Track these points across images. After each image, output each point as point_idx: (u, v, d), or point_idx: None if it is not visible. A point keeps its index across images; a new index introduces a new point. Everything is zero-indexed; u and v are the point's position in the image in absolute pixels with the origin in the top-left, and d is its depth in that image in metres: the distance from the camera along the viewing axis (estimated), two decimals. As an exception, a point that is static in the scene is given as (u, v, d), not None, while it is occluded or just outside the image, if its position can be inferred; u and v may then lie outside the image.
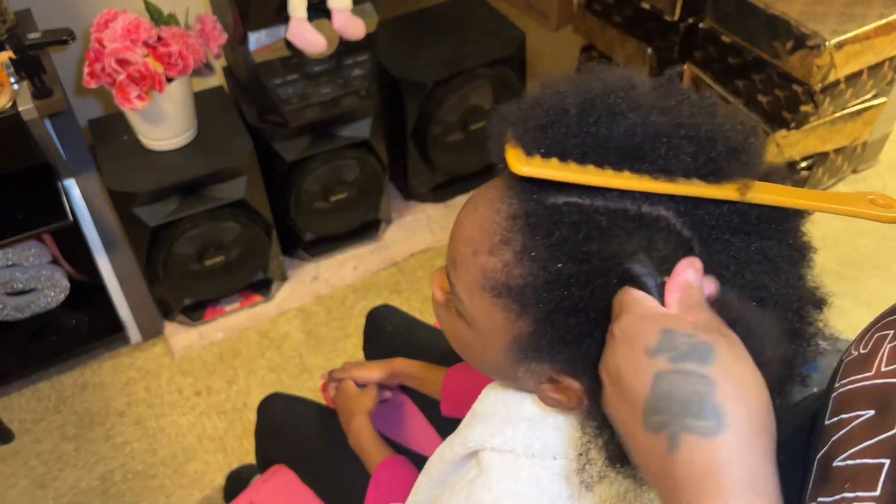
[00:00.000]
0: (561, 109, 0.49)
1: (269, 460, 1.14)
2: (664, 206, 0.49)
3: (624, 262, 0.47)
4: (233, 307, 1.84)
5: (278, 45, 1.51)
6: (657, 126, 0.48)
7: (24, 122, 1.30)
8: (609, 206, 0.49)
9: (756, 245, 0.48)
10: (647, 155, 0.48)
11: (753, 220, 0.49)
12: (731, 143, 0.48)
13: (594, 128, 0.48)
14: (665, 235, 0.48)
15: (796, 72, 1.80)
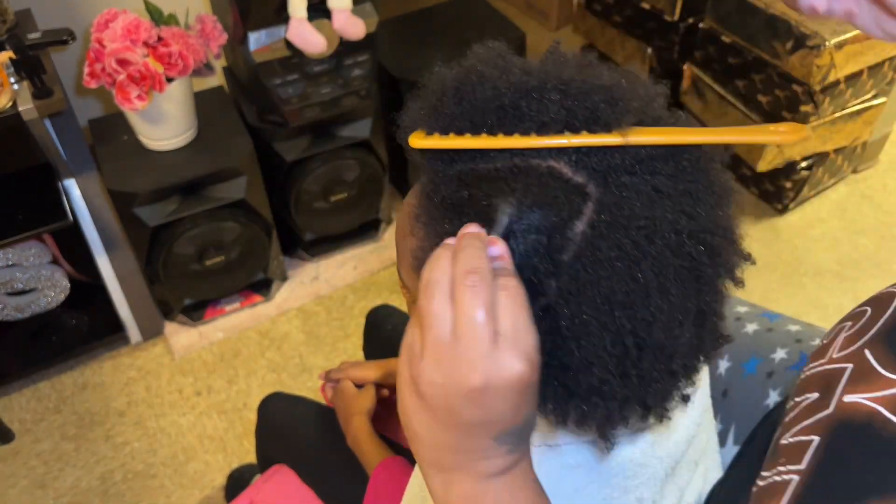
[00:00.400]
0: (442, 89, 0.54)
1: (270, 460, 1.14)
2: (553, 159, 0.51)
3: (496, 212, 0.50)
4: (233, 307, 1.84)
5: (278, 45, 1.51)
6: (525, 84, 0.52)
7: (24, 122, 1.30)
8: (497, 166, 0.51)
9: (650, 183, 0.50)
10: (524, 113, 0.51)
11: (644, 158, 0.50)
12: (612, 93, 0.51)
13: (470, 97, 0.53)
14: (556, 183, 0.50)
15: (796, 72, 1.80)
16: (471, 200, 0.51)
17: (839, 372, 0.46)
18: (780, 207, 2.09)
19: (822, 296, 1.88)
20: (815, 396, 0.47)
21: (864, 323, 0.48)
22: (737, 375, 0.79)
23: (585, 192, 0.50)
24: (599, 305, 0.47)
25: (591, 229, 0.48)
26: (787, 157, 1.97)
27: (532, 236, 0.49)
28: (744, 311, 0.85)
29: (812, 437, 0.44)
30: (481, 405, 0.43)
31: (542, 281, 0.49)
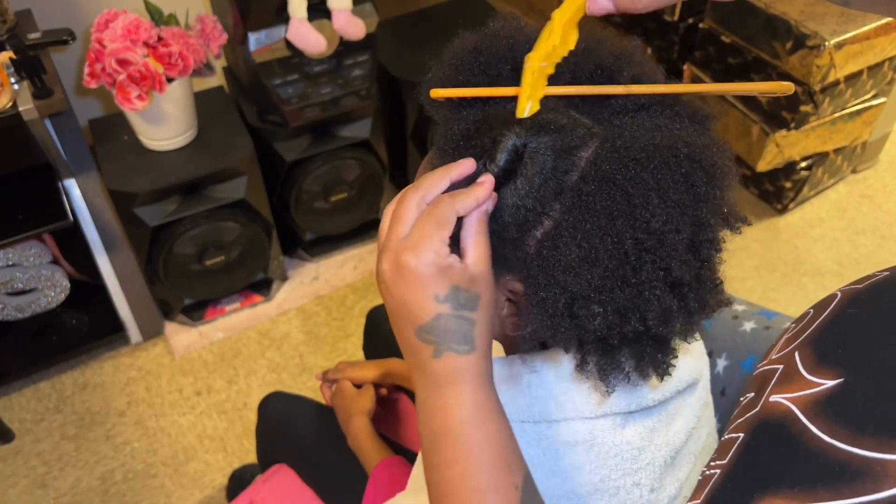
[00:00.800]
0: (462, 49, 0.60)
1: (270, 459, 1.14)
2: (564, 104, 0.57)
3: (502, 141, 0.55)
4: (233, 307, 1.84)
5: (278, 46, 1.51)
6: (536, 38, 0.57)
7: (24, 122, 1.30)
8: (507, 107, 0.56)
9: (650, 122, 0.56)
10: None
11: (644, 104, 0.57)
12: (616, 52, 0.58)
13: (486, 51, 0.58)
14: (565, 118, 0.55)
15: (796, 72, 1.80)
16: (478, 132, 0.56)
17: (772, 373, 0.48)
18: (780, 207, 2.09)
19: (822, 296, 1.88)
20: (752, 396, 0.49)
21: (803, 325, 0.49)
22: (735, 374, 0.79)
23: (592, 130, 0.55)
24: (601, 216, 0.51)
25: (595, 156, 0.53)
26: (787, 157, 1.97)
27: (539, 157, 0.54)
28: (741, 310, 0.85)
29: (739, 434, 0.46)
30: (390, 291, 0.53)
31: (547, 203, 0.54)
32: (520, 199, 0.54)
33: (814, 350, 0.45)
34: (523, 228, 0.55)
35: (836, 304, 0.47)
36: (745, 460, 0.43)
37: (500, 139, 0.54)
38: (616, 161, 0.52)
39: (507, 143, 0.54)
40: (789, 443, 0.41)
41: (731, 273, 1.93)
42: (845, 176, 2.21)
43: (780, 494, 0.39)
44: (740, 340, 0.81)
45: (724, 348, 0.82)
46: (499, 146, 0.54)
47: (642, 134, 0.54)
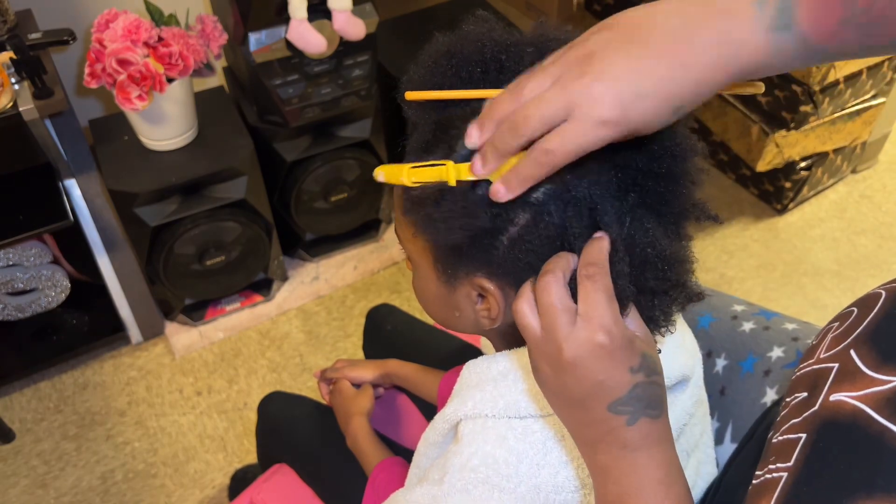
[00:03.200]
0: (436, 51, 0.61)
1: (270, 459, 1.14)
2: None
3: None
4: (233, 307, 1.84)
5: (279, 46, 1.52)
6: (505, 40, 0.58)
7: (24, 122, 1.30)
8: (473, 108, 0.56)
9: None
10: (503, 65, 0.57)
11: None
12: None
13: (458, 54, 0.59)
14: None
15: (795, 72, 1.81)
16: (442, 129, 0.57)
17: (826, 371, 0.47)
18: (780, 207, 2.09)
19: (822, 296, 1.88)
20: (804, 395, 0.48)
21: (850, 323, 0.48)
22: (734, 373, 0.79)
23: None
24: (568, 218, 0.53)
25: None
26: (787, 157, 1.97)
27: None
28: (740, 310, 0.85)
29: (800, 435, 0.45)
30: (579, 378, 0.49)
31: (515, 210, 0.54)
32: (490, 207, 0.54)
33: (873, 347, 0.44)
34: (494, 232, 0.55)
35: (884, 302, 0.46)
36: (817, 463, 0.42)
37: (459, 135, 0.54)
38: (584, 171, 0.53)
39: (462, 146, 0.54)
40: (869, 443, 0.40)
41: (731, 273, 1.93)
42: (845, 176, 2.21)
43: (876, 498, 0.38)
44: (739, 340, 0.81)
45: (724, 348, 0.82)
46: (458, 142, 0.55)
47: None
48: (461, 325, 0.65)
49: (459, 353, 1.09)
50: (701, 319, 0.85)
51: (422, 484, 0.63)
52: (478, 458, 0.59)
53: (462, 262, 0.59)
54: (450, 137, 0.57)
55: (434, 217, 0.56)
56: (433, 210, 0.56)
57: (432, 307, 0.66)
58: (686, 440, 0.67)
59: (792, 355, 0.76)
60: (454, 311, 0.64)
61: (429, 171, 0.55)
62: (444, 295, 0.63)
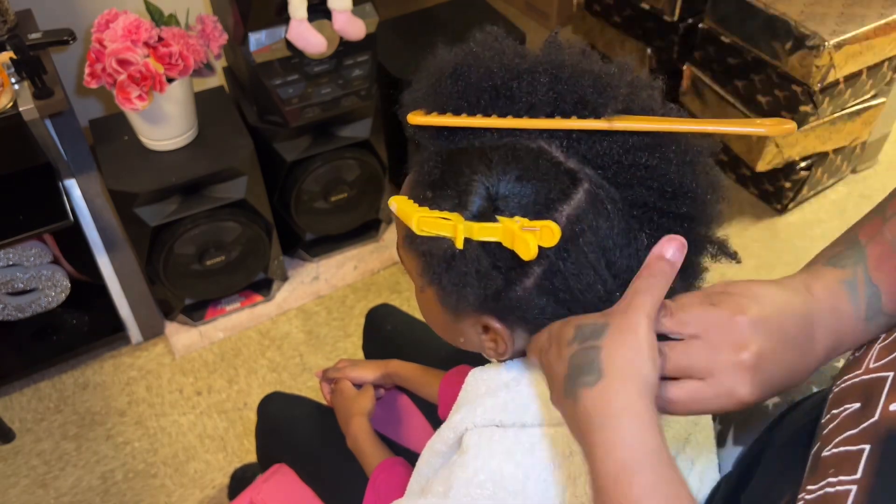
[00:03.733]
0: (441, 70, 0.57)
1: (270, 459, 1.14)
2: (544, 141, 0.54)
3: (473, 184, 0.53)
4: (233, 307, 1.84)
5: (278, 46, 1.52)
6: (517, 67, 0.54)
7: (24, 122, 1.30)
8: (485, 143, 0.55)
9: (641, 170, 0.53)
10: (514, 94, 0.54)
11: (632, 147, 0.53)
12: (601, 80, 0.54)
13: (465, 78, 0.55)
14: (546, 164, 0.53)
15: (795, 72, 1.81)
16: (451, 173, 0.55)
17: (880, 381, 0.45)
18: (780, 208, 2.09)
19: (822, 296, 1.88)
20: (857, 406, 0.46)
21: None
22: (736, 375, 0.79)
23: (577, 177, 0.53)
24: (581, 270, 0.52)
25: (577, 215, 0.52)
26: (787, 157, 1.97)
27: (518, 211, 0.52)
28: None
29: (862, 447, 0.43)
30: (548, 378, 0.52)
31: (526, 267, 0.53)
32: (504, 269, 0.53)
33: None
34: (507, 288, 0.54)
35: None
36: (890, 473, 0.41)
37: (471, 186, 0.53)
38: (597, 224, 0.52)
39: (480, 191, 0.53)
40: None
41: (731, 273, 1.93)
42: (845, 176, 2.21)
43: None
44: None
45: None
46: (469, 194, 0.53)
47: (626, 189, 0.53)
48: (465, 347, 0.64)
49: (459, 354, 1.08)
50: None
51: (425, 496, 0.62)
52: (484, 473, 0.58)
53: (472, 307, 0.57)
54: (459, 187, 0.54)
55: (444, 281, 0.55)
56: (443, 273, 0.54)
57: (436, 327, 0.65)
58: (692, 448, 0.67)
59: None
60: (459, 337, 0.63)
61: (439, 223, 0.53)
62: (450, 321, 0.61)
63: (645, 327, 0.47)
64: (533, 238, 0.49)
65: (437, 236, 0.54)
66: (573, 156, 0.53)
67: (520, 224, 0.50)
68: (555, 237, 0.50)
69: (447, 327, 0.63)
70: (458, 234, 0.52)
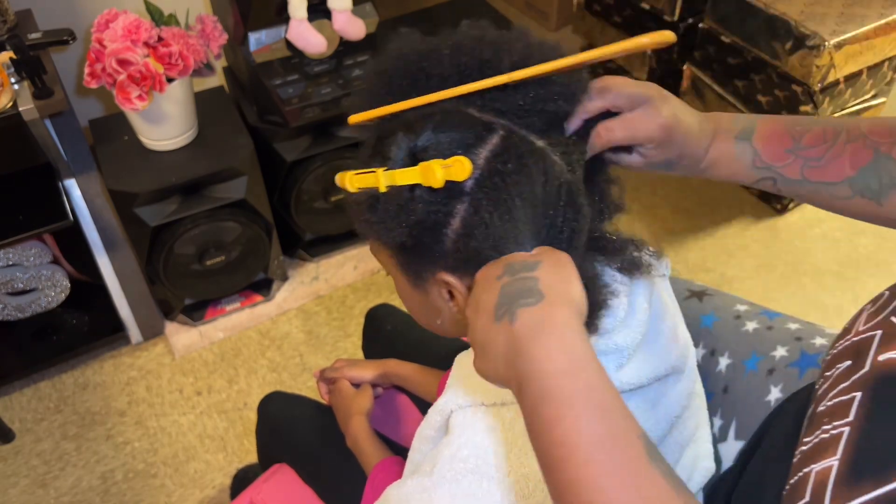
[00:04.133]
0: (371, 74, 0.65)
1: (270, 459, 1.14)
2: (462, 105, 0.60)
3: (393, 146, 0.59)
4: (233, 307, 1.84)
5: (278, 46, 1.52)
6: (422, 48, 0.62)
7: (24, 122, 1.30)
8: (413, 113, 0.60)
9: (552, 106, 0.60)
10: (426, 72, 0.61)
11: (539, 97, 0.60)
12: (496, 44, 0.61)
13: (386, 71, 0.63)
14: (462, 117, 0.59)
15: (796, 72, 1.81)
16: (378, 140, 0.60)
17: (869, 339, 0.48)
18: (780, 207, 2.09)
19: (822, 296, 1.88)
20: (848, 364, 0.49)
21: (884, 300, 0.50)
22: (738, 372, 0.80)
23: (492, 126, 0.58)
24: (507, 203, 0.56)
25: (493, 156, 0.56)
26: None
27: (437, 156, 0.56)
28: (743, 310, 0.85)
29: (853, 395, 0.46)
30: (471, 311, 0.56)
31: (452, 202, 0.56)
32: (425, 204, 0.57)
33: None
34: (436, 227, 0.57)
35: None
36: (881, 413, 0.44)
37: (393, 141, 0.58)
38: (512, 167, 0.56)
39: (400, 144, 0.58)
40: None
41: (731, 273, 1.93)
42: (845, 176, 2.21)
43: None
44: (743, 340, 0.81)
45: (727, 347, 0.82)
46: (391, 148, 0.58)
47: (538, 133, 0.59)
48: (445, 327, 0.66)
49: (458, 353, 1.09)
50: (704, 319, 0.85)
51: (413, 476, 0.64)
52: (467, 448, 0.60)
53: (421, 261, 0.61)
54: (384, 147, 0.59)
55: (372, 221, 0.59)
56: (370, 215, 0.59)
57: (417, 314, 0.68)
58: (679, 433, 0.68)
59: (795, 355, 0.76)
60: (435, 314, 0.65)
61: (365, 177, 0.59)
62: (421, 298, 0.64)
63: (572, 262, 0.54)
64: (440, 168, 0.54)
65: (365, 189, 0.59)
66: (487, 112, 0.59)
67: (432, 162, 0.55)
68: (465, 170, 0.54)
69: (424, 309, 0.66)
70: (379, 180, 0.57)
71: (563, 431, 0.45)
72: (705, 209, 2.10)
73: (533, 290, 0.51)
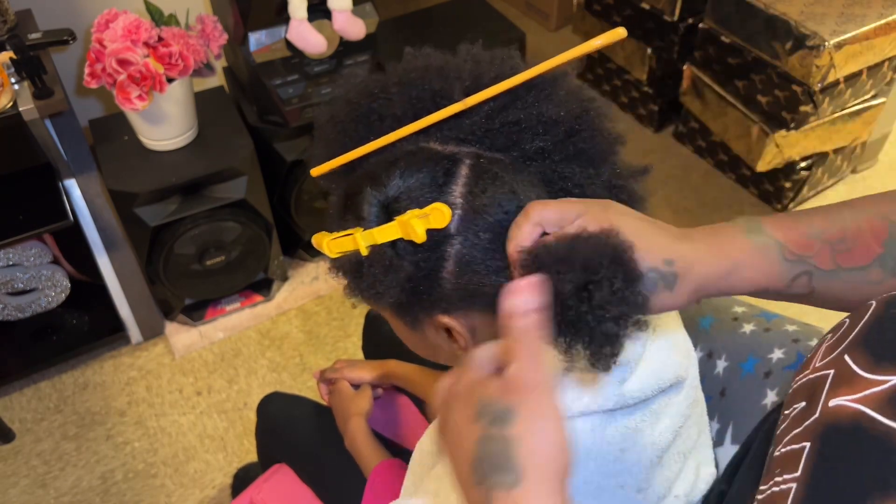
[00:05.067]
0: (320, 124, 0.64)
1: (270, 459, 1.15)
2: (423, 140, 0.57)
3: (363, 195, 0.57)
4: (233, 307, 1.84)
5: (278, 46, 1.52)
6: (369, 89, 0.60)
7: (24, 122, 1.30)
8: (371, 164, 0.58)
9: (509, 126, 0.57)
10: (378, 113, 0.59)
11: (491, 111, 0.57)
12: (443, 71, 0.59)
13: (337, 119, 0.62)
14: (426, 154, 0.56)
15: (796, 72, 1.81)
16: (349, 199, 0.58)
17: (822, 379, 0.47)
18: (780, 207, 2.09)
19: (822, 296, 1.88)
20: (802, 405, 0.48)
21: (843, 332, 0.49)
22: (734, 375, 0.79)
23: (457, 157, 0.55)
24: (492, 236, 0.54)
25: (468, 189, 0.54)
26: (787, 157, 1.97)
27: (412, 204, 0.54)
28: (741, 311, 0.85)
29: (803, 444, 0.45)
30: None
31: (440, 246, 0.54)
32: (412, 257, 0.55)
33: (865, 351, 0.44)
34: (430, 276, 0.56)
35: (874, 309, 0.47)
36: (826, 469, 0.42)
37: (363, 198, 0.56)
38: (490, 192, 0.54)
39: (371, 200, 0.56)
40: (875, 444, 0.40)
41: (731, 273, 1.93)
42: (845, 176, 2.21)
43: (892, 497, 0.38)
44: (740, 342, 0.81)
45: (724, 349, 0.82)
46: (362, 206, 0.56)
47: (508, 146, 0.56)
48: (447, 360, 0.65)
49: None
50: (702, 321, 0.85)
51: (414, 498, 0.63)
52: None
53: (416, 309, 0.59)
54: (356, 205, 0.57)
55: (361, 287, 0.57)
56: (357, 281, 0.57)
57: (416, 350, 0.67)
58: (683, 442, 0.67)
59: (793, 357, 0.76)
60: (435, 350, 0.64)
61: (344, 241, 0.57)
62: (419, 338, 0.63)
63: (555, 408, 0.45)
64: (420, 222, 0.52)
65: (346, 253, 0.57)
66: (449, 143, 0.57)
67: (411, 214, 0.53)
68: (445, 217, 0.52)
69: (422, 346, 0.65)
70: (359, 243, 0.55)
71: None
72: (705, 209, 2.10)
73: (509, 462, 0.43)
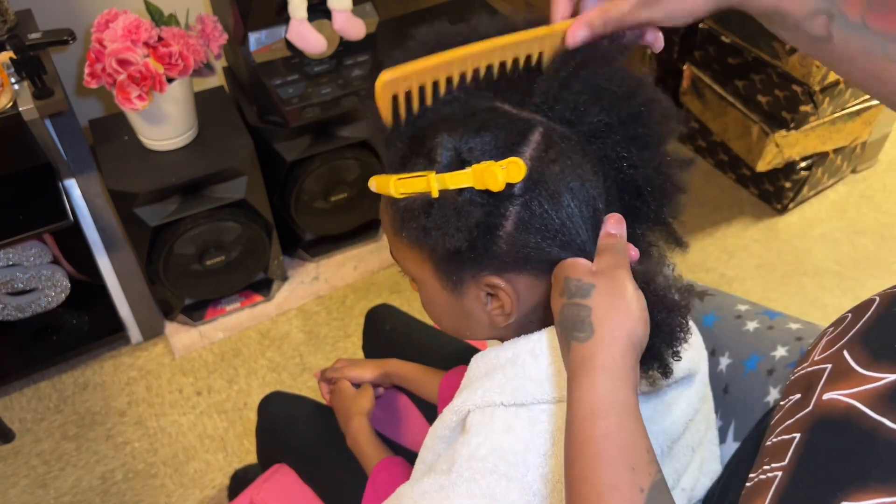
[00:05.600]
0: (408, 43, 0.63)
1: (270, 459, 1.14)
2: (498, 102, 0.60)
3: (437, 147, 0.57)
4: (233, 307, 1.84)
5: (278, 46, 1.52)
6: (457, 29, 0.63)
7: (24, 122, 1.30)
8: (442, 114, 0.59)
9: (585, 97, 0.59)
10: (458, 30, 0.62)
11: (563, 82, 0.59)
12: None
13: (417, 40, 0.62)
14: (501, 117, 0.58)
15: (796, 72, 1.81)
16: (417, 143, 0.59)
17: (819, 372, 0.47)
18: (780, 207, 2.09)
19: (822, 296, 1.88)
20: (797, 397, 0.49)
21: (844, 327, 0.49)
22: (738, 372, 0.79)
23: (531, 122, 0.57)
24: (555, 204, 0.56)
25: (538, 153, 0.56)
26: (787, 157, 1.97)
27: (484, 157, 0.55)
28: (744, 310, 0.85)
29: (793, 435, 0.45)
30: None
31: (503, 204, 0.56)
32: (479, 207, 0.56)
33: (865, 347, 0.45)
34: (491, 230, 0.57)
35: (877, 307, 0.47)
36: (811, 459, 0.43)
37: (438, 144, 0.57)
38: (558, 163, 0.56)
39: (447, 145, 0.57)
40: (862, 438, 0.40)
41: (731, 273, 1.93)
42: (845, 176, 2.21)
43: (870, 489, 0.38)
44: (743, 340, 0.81)
45: (727, 347, 0.82)
46: (437, 149, 0.57)
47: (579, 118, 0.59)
48: (475, 330, 0.65)
49: (459, 354, 1.09)
50: (705, 318, 0.85)
51: (429, 475, 0.63)
52: (486, 447, 0.59)
53: (466, 266, 0.59)
54: (429, 149, 0.58)
55: (428, 226, 0.57)
56: (425, 220, 0.57)
57: (444, 319, 0.67)
58: (692, 436, 0.68)
59: (795, 355, 0.76)
60: (466, 318, 0.64)
61: (414, 182, 0.57)
62: (454, 303, 0.63)
63: (631, 289, 0.53)
64: (500, 170, 0.54)
65: (413, 194, 0.57)
66: (524, 108, 0.59)
67: (489, 164, 0.54)
68: (521, 171, 0.54)
69: (453, 313, 0.65)
70: (431, 185, 0.56)
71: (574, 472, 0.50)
72: (705, 209, 2.10)
73: (585, 323, 0.52)
